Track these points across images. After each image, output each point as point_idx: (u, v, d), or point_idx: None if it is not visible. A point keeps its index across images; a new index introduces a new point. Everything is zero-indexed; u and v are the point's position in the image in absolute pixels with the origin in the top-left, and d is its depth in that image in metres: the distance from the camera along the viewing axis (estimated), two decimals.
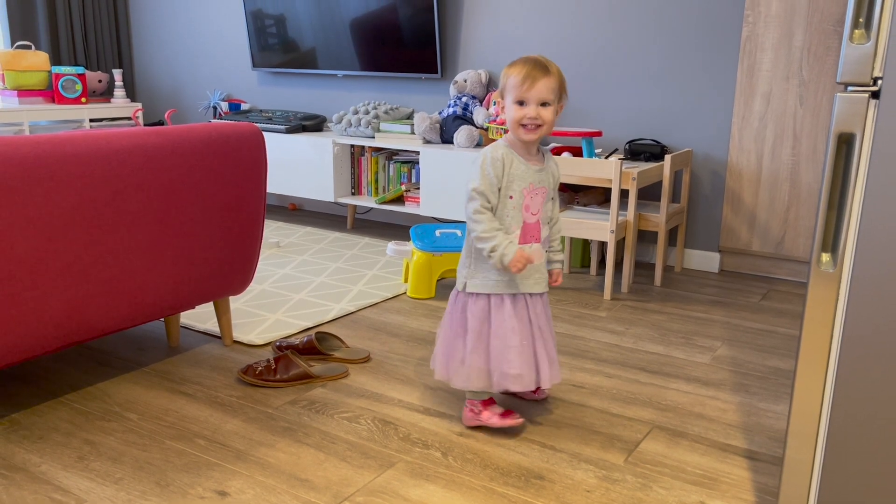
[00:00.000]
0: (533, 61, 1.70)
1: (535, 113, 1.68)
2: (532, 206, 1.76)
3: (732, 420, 1.91)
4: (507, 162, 1.72)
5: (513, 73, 1.70)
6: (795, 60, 2.97)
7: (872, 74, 1.12)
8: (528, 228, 1.77)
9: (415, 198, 3.64)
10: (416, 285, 2.86)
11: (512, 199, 1.74)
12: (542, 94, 1.68)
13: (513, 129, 1.72)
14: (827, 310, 1.21)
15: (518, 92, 1.69)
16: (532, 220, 1.77)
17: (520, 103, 1.69)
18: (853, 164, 1.15)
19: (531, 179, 1.75)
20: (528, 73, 1.67)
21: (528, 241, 1.78)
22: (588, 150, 3.03)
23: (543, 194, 1.79)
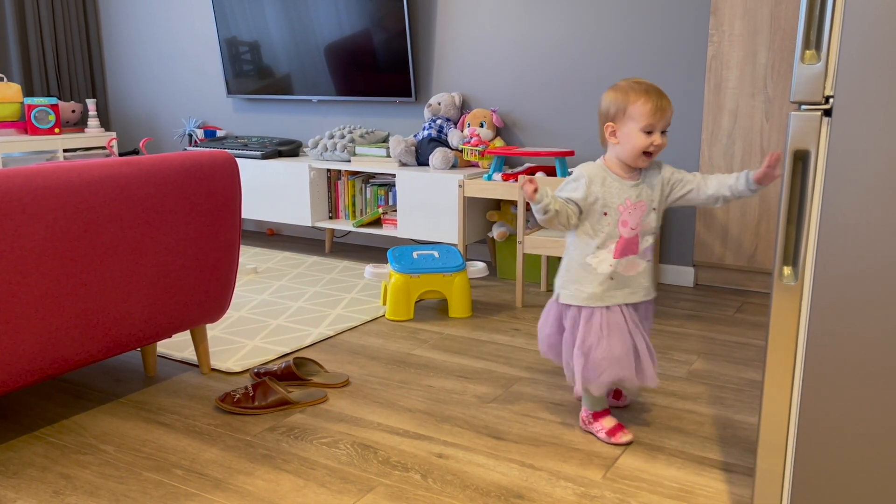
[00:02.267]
0: (655, 89, 1.75)
1: (661, 140, 1.75)
2: (630, 221, 1.81)
3: (709, 433, 1.94)
4: (596, 179, 1.80)
5: (639, 101, 1.73)
6: (760, 78, 3.04)
7: (824, 93, 1.16)
8: (625, 243, 1.82)
9: (392, 220, 3.66)
10: (395, 307, 2.87)
11: (607, 216, 1.80)
12: (668, 122, 1.76)
13: (633, 154, 1.76)
14: (790, 321, 1.24)
15: (648, 120, 1.73)
16: (630, 234, 1.82)
17: (648, 132, 1.74)
18: (809, 180, 1.19)
19: (627, 195, 1.80)
20: (657, 104, 1.73)
21: (626, 255, 1.83)
22: (561, 170, 3.07)
23: (642, 208, 1.82)
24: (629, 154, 1.77)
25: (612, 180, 1.80)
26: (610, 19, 3.34)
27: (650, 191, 1.83)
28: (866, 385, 1.17)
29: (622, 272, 1.84)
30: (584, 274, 1.84)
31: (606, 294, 1.84)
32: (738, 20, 3.03)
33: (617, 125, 1.78)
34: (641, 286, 1.86)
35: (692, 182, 1.84)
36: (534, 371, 2.35)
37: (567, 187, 1.84)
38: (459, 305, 2.90)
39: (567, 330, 1.90)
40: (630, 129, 1.75)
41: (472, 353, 2.53)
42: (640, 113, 1.73)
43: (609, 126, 1.79)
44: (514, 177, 3.16)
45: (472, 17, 3.66)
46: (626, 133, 1.76)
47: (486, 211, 3.50)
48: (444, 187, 3.38)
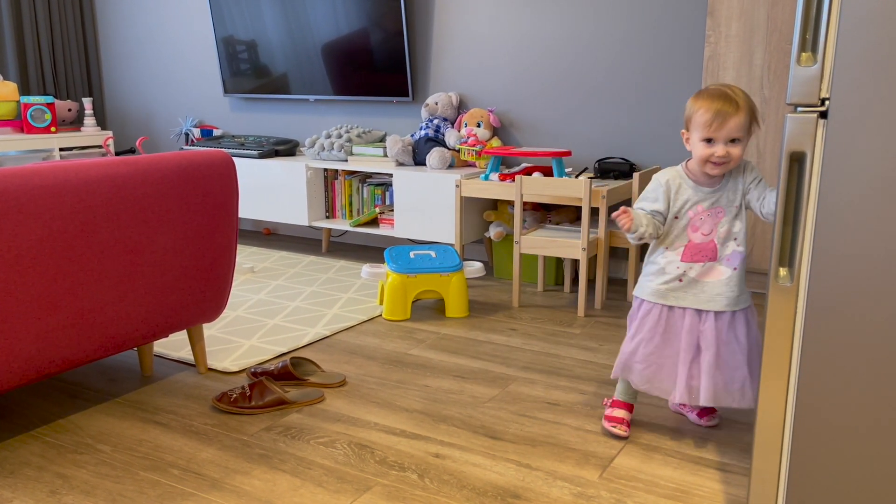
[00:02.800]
0: (723, 96, 1.68)
1: (723, 152, 1.69)
2: (703, 227, 1.79)
3: (705, 433, 1.94)
4: (673, 185, 1.80)
5: (701, 109, 1.69)
6: (756, 79, 3.05)
7: (820, 95, 1.16)
8: (696, 248, 1.80)
9: (389, 220, 3.66)
10: (392, 307, 2.87)
11: (678, 220, 1.81)
12: (733, 133, 1.68)
13: (699, 163, 1.75)
14: (786, 322, 1.25)
15: (706, 131, 1.69)
16: (703, 239, 1.80)
17: (707, 140, 1.70)
18: (805, 182, 1.19)
19: (700, 202, 1.79)
20: (717, 112, 1.67)
21: (699, 260, 1.80)
22: (558, 170, 3.08)
23: (719, 215, 1.79)
24: (697, 163, 1.76)
25: (687, 186, 1.80)
26: (608, 20, 3.34)
27: (731, 197, 1.79)
28: (861, 385, 1.17)
29: (696, 277, 1.80)
30: (653, 270, 1.86)
31: (671, 294, 1.82)
32: (734, 21, 3.04)
33: (688, 133, 1.76)
34: (724, 295, 1.78)
35: (759, 196, 1.76)
36: (531, 371, 2.36)
37: (648, 197, 1.84)
38: (456, 305, 2.90)
39: (629, 316, 1.94)
40: (694, 138, 1.73)
41: (468, 352, 2.53)
42: (699, 122, 1.70)
43: (684, 133, 1.78)
44: (511, 177, 3.17)
45: (469, 16, 3.66)
46: (693, 142, 1.75)
47: (482, 211, 3.51)
48: (441, 187, 3.38)
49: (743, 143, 1.71)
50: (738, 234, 1.78)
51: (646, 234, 1.80)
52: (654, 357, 1.84)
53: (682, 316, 1.82)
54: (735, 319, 1.79)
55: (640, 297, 1.89)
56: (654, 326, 1.84)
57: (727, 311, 1.79)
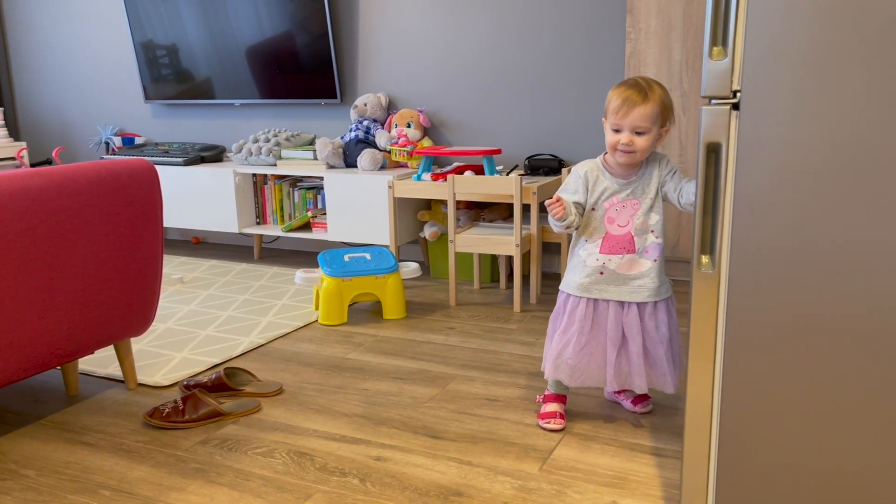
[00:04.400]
0: (634, 86, 1.73)
1: (627, 140, 1.74)
2: (619, 218, 1.83)
3: (640, 420, 1.99)
4: (591, 177, 1.84)
5: (612, 97, 1.75)
6: (676, 73, 3.14)
7: (732, 87, 1.21)
8: (613, 239, 1.83)
9: (322, 224, 3.62)
10: (328, 312, 2.84)
11: (595, 212, 1.84)
12: (637, 122, 1.72)
13: (608, 150, 1.80)
14: (710, 308, 1.29)
15: (613, 118, 1.75)
16: (619, 231, 1.83)
17: (616, 130, 1.75)
18: (722, 172, 1.24)
19: (615, 193, 1.82)
20: (625, 100, 1.72)
21: (618, 252, 1.83)
22: (489, 168, 3.10)
23: (634, 206, 1.82)
24: (607, 150, 1.81)
25: (604, 177, 1.84)
26: (533, 19, 3.39)
27: (645, 189, 1.83)
28: (784, 366, 1.22)
29: (616, 269, 1.83)
30: (576, 264, 1.89)
31: (594, 287, 1.85)
32: (653, 18, 3.13)
33: (605, 121, 1.81)
34: (646, 287, 1.82)
35: (675, 187, 1.80)
36: (469, 368, 2.37)
37: (569, 188, 1.87)
38: (393, 307, 2.89)
39: (554, 312, 1.95)
40: (606, 125, 1.80)
41: (407, 353, 2.52)
42: (609, 110, 1.77)
43: (604, 121, 1.82)
44: (444, 176, 3.18)
45: (395, 17, 3.65)
46: (605, 129, 1.81)
47: (416, 211, 3.51)
48: (373, 189, 3.36)
49: (650, 135, 1.75)
50: (654, 225, 1.83)
51: (573, 224, 1.84)
52: (587, 349, 1.88)
53: (606, 308, 1.86)
54: (657, 309, 1.85)
55: (565, 291, 1.92)
56: (583, 319, 1.87)
57: (649, 302, 1.84)
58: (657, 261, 1.84)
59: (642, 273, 1.83)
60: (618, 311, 1.86)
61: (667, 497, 1.61)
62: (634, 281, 1.83)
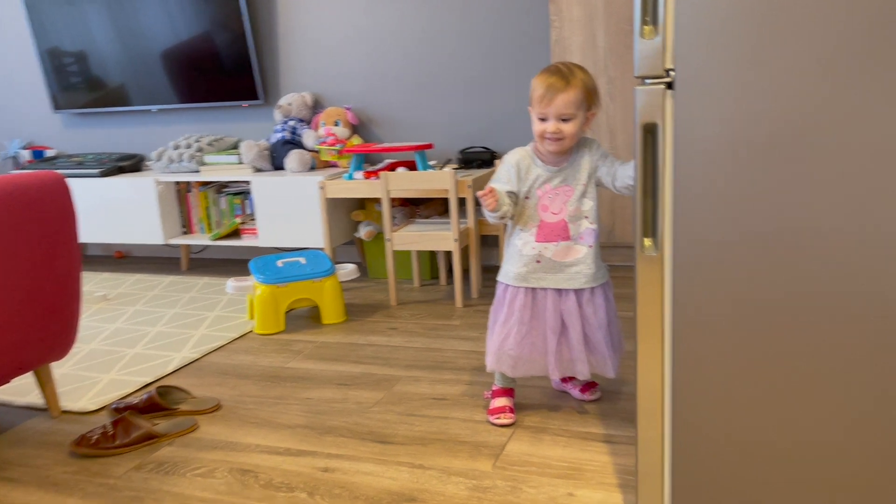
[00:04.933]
0: (556, 73, 1.72)
1: (554, 128, 1.73)
2: (552, 205, 1.81)
3: (590, 408, 1.98)
4: (522, 165, 1.82)
5: (536, 86, 1.73)
6: (601, 60, 3.16)
7: (665, 66, 1.19)
8: (548, 227, 1.81)
9: (252, 229, 3.50)
10: (263, 321, 2.73)
11: (528, 200, 1.82)
12: (561, 109, 1.71)
13: (537, 139, 1.78)
14: (655, 290, 1.27)
15: (538, 107, 1.74)
16: (553, 219, 1.81)
17: (541, 118, 1.74)
18: (660, 152, 1.22)
19: (547, 180, 1.80)
20: (548, 88, 1.70)
21: (553, 240, 1.81)
22: (422, 163, 3.05)
23: (567, 193, 1.80)
24: (536, 138, 1.79)
25: (536, 165, 1.82)
26: (458, 11, 3.35)
27: (577, 175, 1.81)
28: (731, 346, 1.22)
29: (553, 257, 1.82)
30: (513, 253, 1.86)
31: (532, 276, 1.83)
32: (575, 5, 3.13)
33: (531, 109, 1.79)
34: (583, 273, 1.81)
35: (609, 172, 1.79)
36: (414, 368, 2.32)
37: (501, 178, 1.84)
38: (332, 311, 2.81)
39: (494, 304, 1.92)
40: (533, 114, 1.77)
41: (349, 358, 2.45)
42: (534, 98, 1.75)
43: (530, 110, 1.80)
44: (376, 174, 3.11)
45: (316, 13, 3.56)
46: (532, 117, 1.78)
47: (350, 211, 3.43)
48: (303, 190, 3.27)
49: (577, 121, 1.74)
50: (588, 211, 1.82)
51: (507, 214, 1.81)
52: (527, 339, 1.85)
53: (544, 296, 1.84)
54: (594, 295, 1.84)
55: (503, 282, 1.89)
56: (523, 309, 1.85)
57: (586, 288, 1.83)
58: (592, 247, 1.83)
59: (578, 259, 1.82)
60: (556, 299, 1.84)
61: (622, 484, 1.60)
62: (571, 268, 1.82)
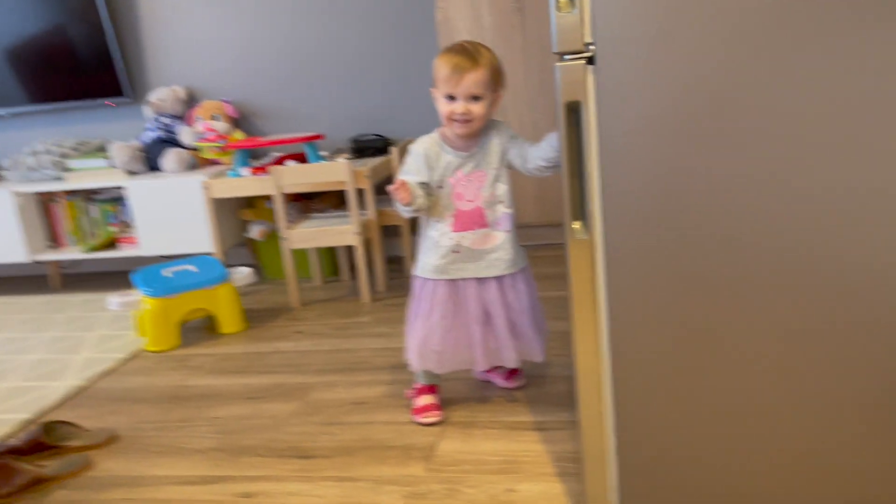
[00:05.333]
0: (462, 52, 1.65)
1: (463, 109, 1.65)
2: (466, 193, 1.74)
3: (517, 396, 1.94)
4: (431, 154, 1.74)
5: (441, 65, 1.65)
6: (488, 40, 3.11)
7: (584, 40, 1.14)
8: (464, 216, 1.74)
9: (130, 238, 3.22)
10: (155, 337, 2.52)
11: (441, 189, 1.74)
12: (471, 88, 1.64)
13: (444, 122, 1.71)
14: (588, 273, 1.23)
15: (445, 87, 1.65)
16: (468, 206, 1.74)
17: (449, 97, 1.66)
18: (584, 131, 1.17)
19: (459, 167, 1.73)
20: (455, 67, 1.63)
21: (470, 228, 1.74)
22: (313, 155, 2.90)
23: (480, 179, 1.74)
24: (443, 121, 1.72)
25: (445, 152, 1.74)
26: None
27: (489, 159, 1.75)
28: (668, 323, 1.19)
29: (471, 245, 1.75)
30: (429, 246, 1.79)
31: (451, 267, 1.76)
32: None
33: (436, 91, 1.70)
34: (502, 260, 1.76)
35: (519, 153, 1.73)
36: (327, 373, 2.20)
37: (410, 170, 1.76)
38: (230, 319, 2.63)
39: (412, 299, 1.84)
40: (438, 95, 1.70)
41: (256, 369, 2.30)
42: (440, 78, 1.67)
43: (433, 91, 1.72)
44: (264, 169, 2.93)
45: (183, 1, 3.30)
46: (437, 99, 1.70)
47: (238, 210, 3.22)
48: (185, 192, 3.03)
49: (486, 101, 1.68)
50: (502, 196, 1.77)
51: (422, 206, 1.73)
52: (452, 333, 1.79)
53: (465, 287, 1.78)
54: (515, 280, 1.80)
55: (421, 276, 1.81)
56: (445, 302, 1.78)
57: (507, 274, 1.78)
58: (510, 231, 1.78)
59: (497, 246, 1.77)
60: (478, 289, 1.78)
61: (561, 472, 1.56)
62: (490, 255, 1.77)
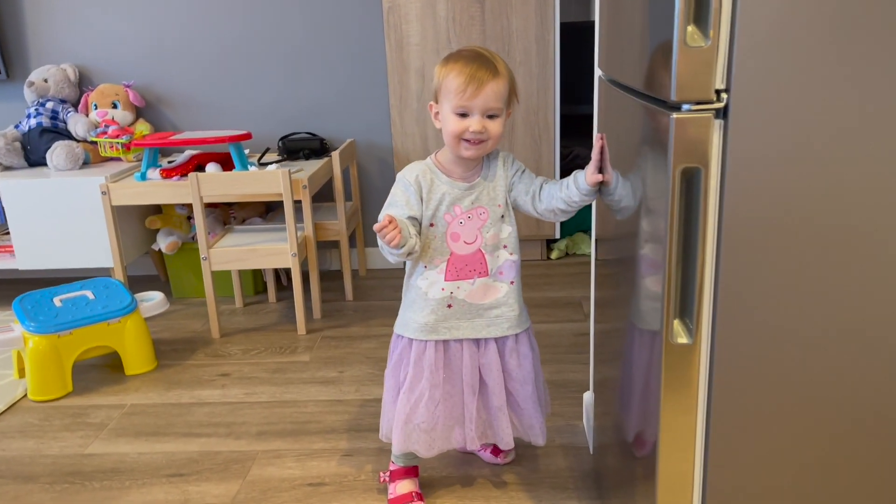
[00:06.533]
0: (477, 57, 1.34)
1: (479, 127, 1.33)
2: (464, 233, 1.41)
3: (507, 477, 1.63)
4: (424, 183, 1.40)
5: (451, 74, 1.33)
6: (443, 32, 2.76)
7: (715, 86, 0.83)
8: (460, 261, 1.42)
9: (6, 247, 2.65)
10: (41, 383, 2.03)
11: (433, 228, 1.41)
12: (489, 102, 1.33)
13: (450, 143, 1.37)
14: (687, 385, 0.94)
15: (458, 99, 1.32)
16: (467, 250, 1.42)
17: (461, 114, 1.33)
18: (701, 204, 0.86)
19: (456, 201, 1.40)
20: (472, 76, 1.31)
21: (467, 277, 1.43)
22: (239, 158, 2.45)
23: (482, 217, 1.41)
24: (449, 142, 1.37)
25: (440, 182, 1.40)
26: None
27: (493, 193, 1.42)
28: (787, 458, 0.92)
29: (467, 298, 1.43)
30: (415, 298, 1.45)
31: (442, 325, 1.43)
32: None
33: (437, 105, 1.39)
34: (504, 317, 1.45)
35: (528, 190, 1.43)
36: (269, 437, 1.81)
37: (398, 202, 1.41)
38: (138, 358, 2.17)
39: (392, 364, 1.51)
40: (445, 110, 1.36)
41: (176, 429, 1.87)
42: (450, 89, 1.33)
43: (432, 106, 1.39)
44: (178, 172, 2.46)
45: None
46: (443, 115, 1.37)
47: (143, 218, 2.72)
48: (78, 194, 2.50)
49: (502, 118, 1.37)
50: (507, 239, 1.44)
51: (415, 248, 1.38)
52: (442, 407, 1.46)
53: (459, 349, 1.46)
54: (519, 343, 1.49)
55: (405, 335, 1.47)
56: (434, 370, 1.45)
57: (510, 336, 1.47)
58: (514, 283, 1.46)
59: (498, 301, 1.45)
60: (473, 352, 1.46)
61: None
62: (490, 311, 1.45)
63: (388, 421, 1.51)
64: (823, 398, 0.90)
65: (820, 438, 0.92)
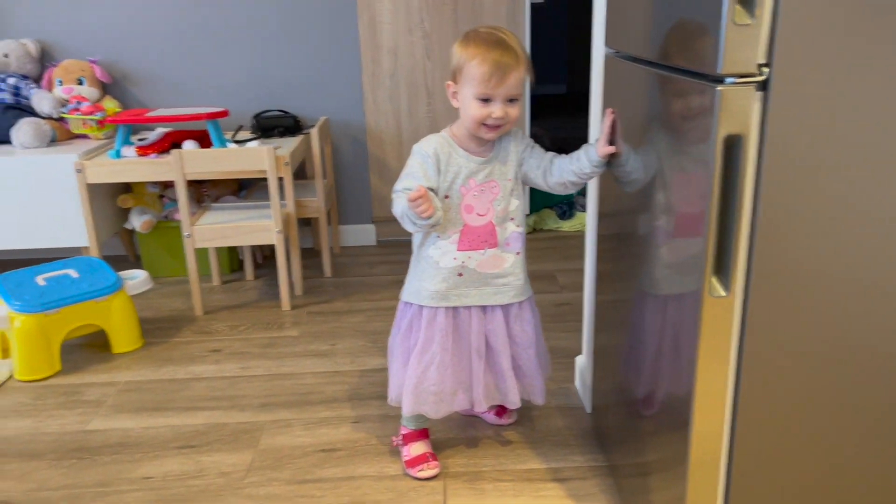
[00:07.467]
0: (500, 44, 1.38)
1: (502, 112, 1.40)
2: (477, 205, 1.47)
3: (511, 436, 1.71)
4: (442, 156, 1.46)
5: (475, 60, 1.37)
6: (415, 11, 2.80)
7: (757, 61, 0.92)
8: (473, 232, 1.48)
9: None
10: (29, 363, 2.00)
11: (448, 199, 1.47)
12: (512, 90, 1.39)
13: (471, 126, 1.43)
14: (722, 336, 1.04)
15: (483, 87, 1.38)
16: (479, 222, 1.48)
17: (484, 99, 1.38)
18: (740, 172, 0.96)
19: (472, 174, 1.46)
20: (496, 64, 1.36)
21: (478, 247, 1.49)
22: (217, 136, 2.44)
23: (494, 190, 1.48)
24: (469, 124, 1.43)
25: (458, 156, 1.46)
26: None
27: (503, 168, 1.48)
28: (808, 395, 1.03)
29: (477, 268, 1.49)
30: (426, 267, 1.51)
31: (453, 292, 1.50)
32: None
33: (457, 86, 1.43)
34: (511, 286, 1.52)
35: (539, 164, 1.50)
36: (274, 408, 1.84)
37: (415, 174, 1.45)
38: (125, 336, 2.15)
39: (401, 331, 1.56)
40: (466, 94, 1.40)
41: (178, 403, 1.88)
42: (473, 76, 1.38)
43: (450, 86, 1.44)
44: (154, 149, 2.43)
45: None
46: (463, 98, 1.43)
47: (114, 196, 2.67)
48: (48, 174, 2.44)
49: (521, 102, 1.45)
50: (515, 212, 1.52)
51: (440, 219, 1.45)
52: (450, 371, 1.53)
53: (468, 315, 1.53)
54: (522, 310, 1.57)
55: (415, 303, 1.53)
56: (445, 335, 1.51)
57: (515, 303, 1.55)
58: (520, 253, 1.54)
59: (506, 270, 1.52)
60: (480, 318, 1.54)
61: None
62: (498, 279, 1.52)
63: (397, 386, 1.57)
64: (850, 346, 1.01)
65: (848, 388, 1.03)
